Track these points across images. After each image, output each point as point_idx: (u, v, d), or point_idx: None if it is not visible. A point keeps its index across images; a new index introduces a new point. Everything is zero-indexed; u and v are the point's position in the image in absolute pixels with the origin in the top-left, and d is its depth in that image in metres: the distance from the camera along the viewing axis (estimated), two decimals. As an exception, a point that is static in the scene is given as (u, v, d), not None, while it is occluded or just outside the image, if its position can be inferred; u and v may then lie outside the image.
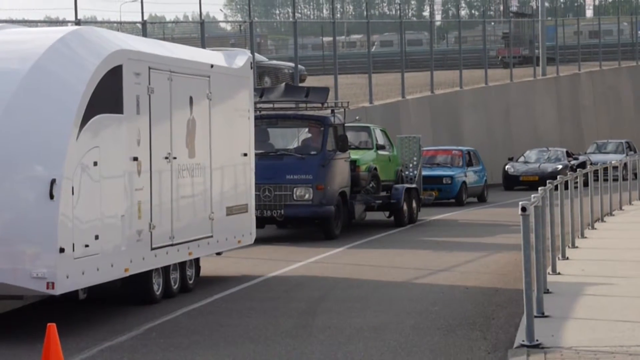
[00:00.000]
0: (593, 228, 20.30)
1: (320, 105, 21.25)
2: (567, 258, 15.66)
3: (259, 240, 16.30)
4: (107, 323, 11.90)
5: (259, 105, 20.38)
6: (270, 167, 19.46)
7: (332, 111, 21.09)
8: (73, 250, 10.93)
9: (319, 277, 15.50)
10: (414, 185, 23.80)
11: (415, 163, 24.65)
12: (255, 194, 16.19)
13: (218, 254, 15.28)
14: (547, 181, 14.76)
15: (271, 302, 13.27)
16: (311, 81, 31.55)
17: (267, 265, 16.76)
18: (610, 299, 12.22)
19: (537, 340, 9.61)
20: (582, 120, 46.16)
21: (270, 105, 21.20)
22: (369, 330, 11.20)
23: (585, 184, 22.30)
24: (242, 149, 15.44)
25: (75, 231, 10.99)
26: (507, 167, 34.99)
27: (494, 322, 11.57)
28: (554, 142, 42.20)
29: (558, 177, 16.04)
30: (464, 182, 29.05)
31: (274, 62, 35.13)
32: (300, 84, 28.78)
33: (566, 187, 17.02)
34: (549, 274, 13.52)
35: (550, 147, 37.13)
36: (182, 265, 13.74)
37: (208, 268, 15.67)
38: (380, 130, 24.12)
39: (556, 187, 15.15)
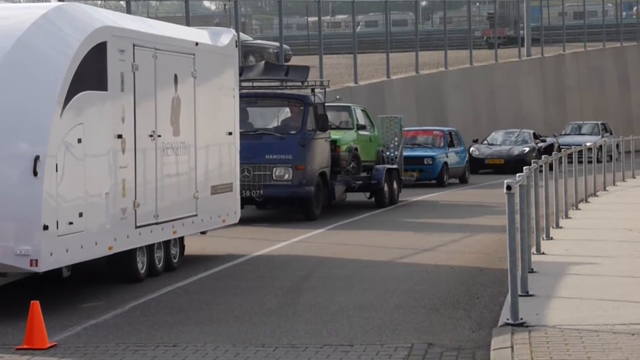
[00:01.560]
0: (577, 209, 20.35)
1: (300, 84, 21.10)
2: (552, 238, 15.68)
3: (239, 221, 16.23)
4: (92, 301, 11.86)
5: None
6: (249, 146, 19.09)
7: (313, 90, 20.92)
8: (57, 227, 10.88)
9: (303, 256, 15.49)
10: (395, 166, 23.66)
11: (396, 143, 24.53)
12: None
13: (203, 233, 15.24)
14: (532, 161, 14.75)
15: (256, 281, 13.25)
16: (296, 61, 31.45)
17: (251, 244, 16.73)
18: (595, 278, 12.23)
19: (521, 319, 9.61)
20: (566, 101, 46.23)
21: (250, 84, 21.01)
22: (353, 309, 11.19)
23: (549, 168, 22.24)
24: (227, 128, 15.37)
25: (59, 208, 10.93)
26: (471, 149, 33.56)
27: (479, 301, 11.58)
28: (539, 123, 42.25)
29: (532, 162, 15.87)
30: (445, 163, 28.88)
31: (259, 41, 35.01)
32: (285, 64, 28.65)
33: (551, 169, 17.03)
34: (533, 253, 13.53)
35: (525, 129, 36.62)
36: (166, 244, 13.70)
37: (193, 247, 15.64)
38: (361, 110, 23.92)
39: (540, 169, 15.16)
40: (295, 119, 20.38)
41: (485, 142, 34.97)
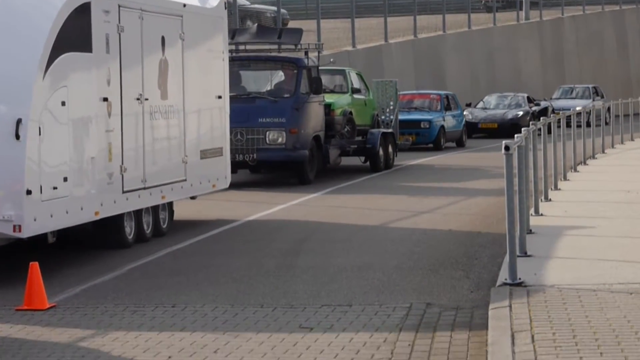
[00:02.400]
0: (575, 171, 20.14)
1: (293, 47, 20.77)
2: (550, 200, 15.49)
3: (231, 186, 16.01)
4: (90, 264, 11.71)
5: (230, 47, 19.87)
6: (242, 110, 18.72)
7: (306, 53, 20.57)
8: (40, 192, 10.63)
9: (301, 219, 15.29)
10: (390, 130, 23.35)
11: (391, 107, 24.20)
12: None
13: (192, 198, 14.99)
14: (530, 123, 14.49)
15: (254, 243, 13.09)
16: (294, 25, 31.06)
17: (247, 208, 16.52)
18: (593, 239, 12.10)
19: (519, 279, 9.46)
20: (565, 65, 45.89)
21: (243, 47, 20.68)
22: (352, 270, 11.03)
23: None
24: (216, 92, 15.06)
25: (42, 173, 10.69)
26: (464, 113, 32.23)
27: (477, 262, 11.43)
28: (537, 87, 41.94)
29: (530, 124, 15.55)
30: (442, 127, 28.58)
31: (257, 6, 34.64)
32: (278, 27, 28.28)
33: (549, 132, 16.79)
34: (531, 215, 13.34)
35: (521, 92, 36.14)
36: (155, 209, 13.44)
37: (186, 211, 15.44)
38: (356, 73, 23.54)
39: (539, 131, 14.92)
40: (288, 82, 20.05)
41: (481, 103, 34.54)
